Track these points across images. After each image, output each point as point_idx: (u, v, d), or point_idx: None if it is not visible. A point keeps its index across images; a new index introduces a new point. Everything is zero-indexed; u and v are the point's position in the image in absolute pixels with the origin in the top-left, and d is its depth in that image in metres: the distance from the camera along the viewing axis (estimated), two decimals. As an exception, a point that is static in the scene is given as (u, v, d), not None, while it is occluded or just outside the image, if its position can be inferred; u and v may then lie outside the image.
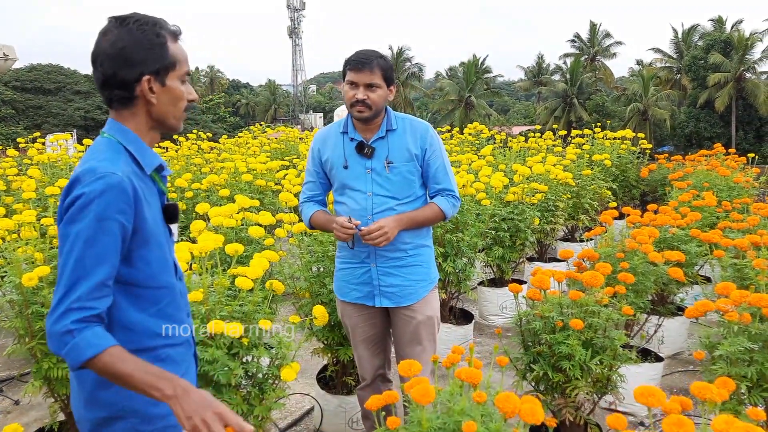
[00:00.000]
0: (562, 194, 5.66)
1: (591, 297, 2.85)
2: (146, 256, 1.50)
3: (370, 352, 2.86)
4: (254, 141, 8.17)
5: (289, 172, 5.07)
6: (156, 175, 1.61)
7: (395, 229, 2.55)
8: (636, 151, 7.95)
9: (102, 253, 1.38)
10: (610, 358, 2.81)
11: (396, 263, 2.68)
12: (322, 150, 2.75)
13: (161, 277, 1.55)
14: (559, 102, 40.31)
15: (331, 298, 3.26)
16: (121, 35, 1.46)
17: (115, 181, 1.39)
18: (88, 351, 1.32)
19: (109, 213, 1.38)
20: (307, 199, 2.85)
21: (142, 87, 1.49)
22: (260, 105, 59.18)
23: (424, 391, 1.82)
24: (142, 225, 1.47)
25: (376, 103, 2.55)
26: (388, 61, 2.61)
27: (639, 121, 35.51)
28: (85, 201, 1.37)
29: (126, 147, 1.52)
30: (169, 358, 1.59)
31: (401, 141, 2.64)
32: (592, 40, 45.17)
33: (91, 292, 1.36)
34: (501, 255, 4.88)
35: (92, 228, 1.37)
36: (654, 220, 4.31)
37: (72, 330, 1.32)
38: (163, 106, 1.54)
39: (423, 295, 2.73)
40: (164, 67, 1.50)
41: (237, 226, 3.71)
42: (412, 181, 2.66)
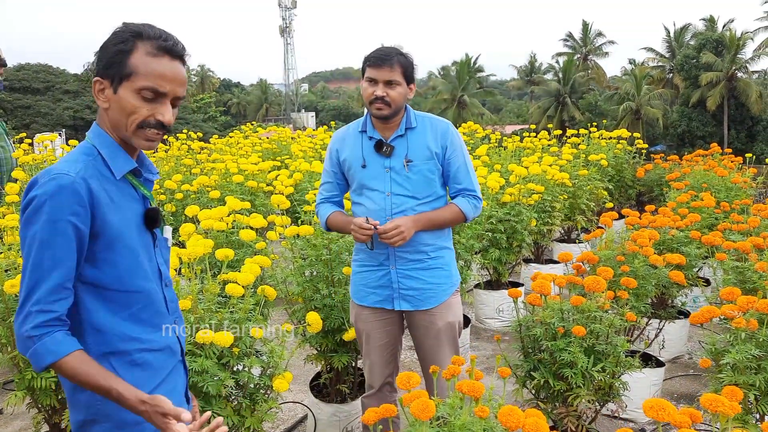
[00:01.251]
0: (558, 195, 5.59)
1: (593, 302, 2.77)
2: (112, 259, 1.47)
3: (383, 359, 2.78)
4: (245, 141, 8.06)
5: (281, 173, 4.97)
6: (134, 179, 1.57)
7: (412, 228, 2.50)
8: (632, 151, 7.89)
9: (57, 256, 1.37)
10: (612, 365, 2.73)
11: (416, 265, 2.62)
12: (340, 150, 2.70)
13: (132, 281, 1.51)
14: (551, 101, 40.34)
15: (325, 304, 3.18)
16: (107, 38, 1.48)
17: (66, 182, 1.38)
18: (48, 357, 1.35)
19: (61, 214, 1.37)
20: (324, 200, 2.80)
21: (93, 88, 1.49)
22: (252, 104, 58.93)
23: (424, 405, 1.74)
24: (105, 229, 1.44)
25: (395, 101, 2.51)
26: (408, 58, 2.56)
27: (632, 120, 35.55)
28: (38, 203, 1.37)
29: (99, 150, 1.50)
30: (146, 363, 1.55)
31: (421, 139, 2.59)
32: (584, 39, 45.25)
33: (49, 295, 1.36)
34: (497, 257, 4.80)
35: (46, 230, 1.36)
36: (653, 221, 4.24)
37: (32, 336, 1.35)
38: (114, 114, 1.49)
39: (443, 299, 2.66)
40: (118, 74, 1.45)
41: (227, 229, 3.61)
42: (432, 180, 2.60)
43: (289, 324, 2.73)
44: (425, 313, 2.66)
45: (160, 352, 1.59)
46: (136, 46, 1.44)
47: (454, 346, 2.74)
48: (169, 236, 1.74)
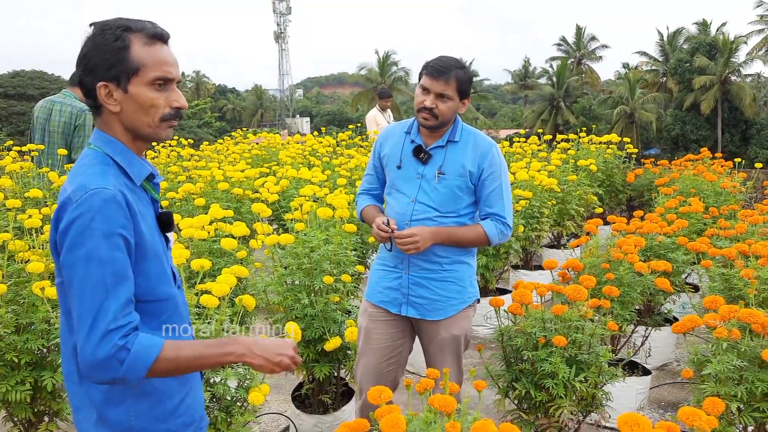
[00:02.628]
0: (547, 200, 5.56)
1: (575, 311, 2.74)
2: (145, 269, 1.44)
3: (378, 364, 2.71)
4: (236, 147, 8.02)
5: (268, 180, 4.93)
6: (147, 184, 1.54)
7: (429, 240, 2.48)
8: (622, 155, 7.87)
9: (118, 270, 1.34)
10: (595, 376, 2.70)
11: (429, 275, 2.60)
12: (384, 145, 2.72)
13: (161, 289, 1.49)
14: (546, 105, 40.44)
15: (306, 313, 3.13)
16: (87, 41, 1.42)
17: (109, 196, 1.34)
18: (152, 352, 1.32)
19: (113, 228, 1.33)
20: (363, 192, 2.84)
21: (99, 94, 1.41)
22: (247, 110, 58.89)
23: (394, 421, 1.70)
24: (140, 239, 1.42)
25: (443, 114, 2.49)
26: (467, 73, 2.53)
27: (626, 124, 35.65)
28: (86, 221, 1.32)
29: (113, 158, 1.46)
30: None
31: (459, 154, 2.57)
32: (578, 44, 45.41)
33: (122, 310, 1.32)
34: (484, 264, 4.77)
35: (102, 247, 1.32)
36: (640, 227, 4.21)
37: (123, 345, 1.30)
38: (130, 115, 1.44)
39: (451, 313, 2.64)
40: (124, 72, 1.40)
41: (209, 237, 3.57)
42: (460, 197, 2.57)
43: (267, 335, 2.67)
44: (431, 322, 2.65)
45: None
46: (131, 40, 1.40)
47: (458, 358, 2.73)
48: (172, 239, 1.72)
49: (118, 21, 1.43)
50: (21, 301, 2.86)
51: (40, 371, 2.82)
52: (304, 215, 3.43)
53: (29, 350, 2.78)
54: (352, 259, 3.38)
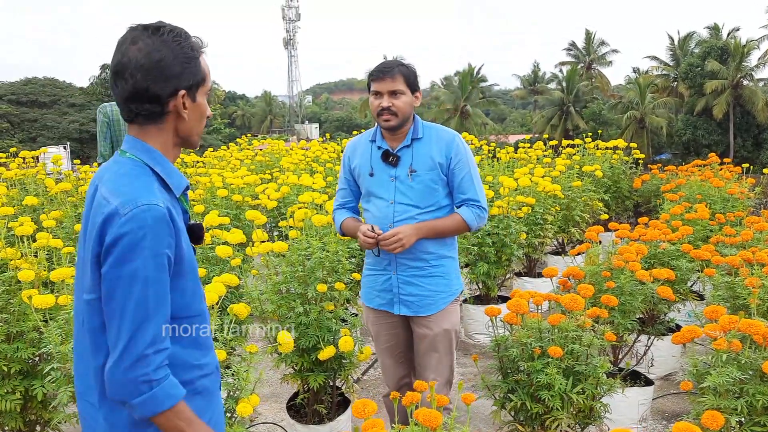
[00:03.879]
0: (550, 207, 5.49)
1: (572, 321, 2.68)
2: (182, 285, 1.41)
3: (394, 360, 2.85)
4: (239, 154, 8.01)
5: (269, 186, 4.91)
6: (182, 196, 1.51)
7: (412, 236, 2.54)
8: (629, 161, 7.78)
9: (161, 292, 1.32)
10: (592, 387, 2.63)
11: (416, 272, 2.66)
12: (352, 158, 2.80)
13: (194, 306, 1.47)
14: (555, 110, 40.22)
15: (300, 321, 3.09)
16: (157, 46, 1.37)
17: (161, 214, 1.31)
18: (167, 402, 1.31)
19: (161, 248, 1.31)
20: (339, 206, 2.89)
21: (177, 102, 1.41)
22: (256, 116, 59.09)
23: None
24: (180, 254, 1.38)
25: (401, 110, 2.57)
26: (410, 68, 2.62)
27: (636, 129, 35.38)
28: (136, 238, 1.28)
29: (153, 168, 1.42)
30: (206, 390, 1.50)
31: (425, 149, 2.64)
32: (587, 48, 45.18)
33: (161, 332, 1.31)
34: (486, 271, 4.70)
35: (150, 266, 1.29)
36: (643, 234, 4.14)
37: (153, 380, 1.29)
38: (191, 123, 1.47)
39: (442, 306, 2.69)
40: (196, 82, 1.44)
41: (205, 245, 3.54)
42: (435, 190, 2.64)
43: (255, 345, 2.63)
44: (424, 319, 2.68)
45: (213, 375, 1.55)
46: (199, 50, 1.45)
47: (449, 354, 2.76)
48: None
49: (177, 27, 1.42)
50: (12, 310, 2.83)
51: (31, 380, 2.79)
52: (299, 222, 3.39)
53: (19, 359, 2.75)
54: (347, 267, 3.34)
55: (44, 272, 2.90)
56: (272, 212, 4.84)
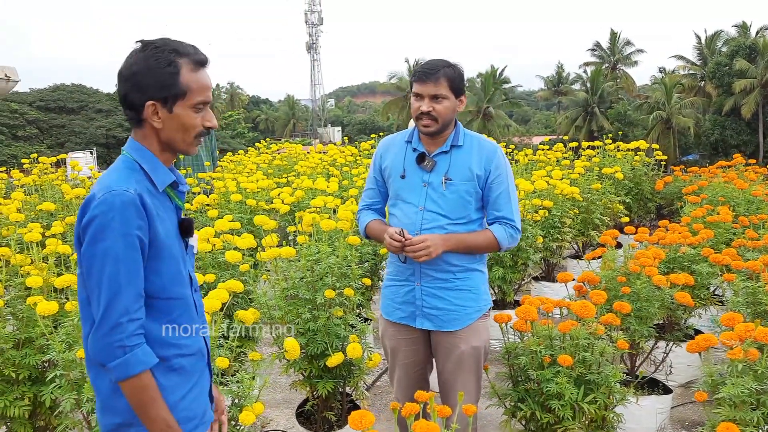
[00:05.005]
0: (568, 210, 5.39)
1: (583, 329, 2.61)
2: (158, 268, 1.55)
3: (410, 378, 2.68)
4: (257, 158, 8.03)
5: (283, 190, 4.89)
6: (171, 191, 1.65)
7: (440, 247, 2.40)
8: (651, 162, 7.63)
9: (131, 268, 1.46)
10: (604, 397, 2.56)
11: (442, 285, 2.52)
12: (384, 156, 2.65)
13: (173, 289, 1.59)
14: (579, 111, 39.69)
15: (308, 327, 3.06)
16: (138, 59, 1.52)
17: (128, 199, 1.46)
18: (138, 367, 1.45)
19: (130, 229, 1.45)
20: (365, 207, 2.75)
21: (146, 112, 1.54)
22: (279, 120, 59.41)
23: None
24: (155, 240, 1.52)
25: (442, 115, 2.42)
26: (457, 70, 2.45)
27: (662, 130, 34.74)
28: (106, 219, 1.44)
29: (141, 165, 1.58)
30: (182, 368, 1.62)
31: (465, 159, 2.50)
32: (612, 49, 44.59)
33: (133, 304, 1.46)
34: (502, 276, 4.63)
35: (119, 245, 1.44)
36: (662, 238, 4.04)
37: (127, 345, 1.44)
38: (170, 132, 1.58)
39: (468, 322, 2.54)
40: (172, 95, 1.53)
41: (216, 249, 3.53)
42: (468, 202, 2.50)
43: (258, 353, 2.61)
44: (449, 334, 2.54)
45: (192, 356, 1.66)
46: (180, 65, 1.53)
47: (477, 372, 2.61)
48: (195, 244, 1.80)
49: (168, 43, 1.54)
50: (21, 316, 2.85)
51: (40, 386, 2.80)
52: (307, 227, 3.36)
53: (28, 365, 2.77)
54: (357, 273, 3.30)
55: (53, 278, 2.92)
56: (286, 217, 4.82)
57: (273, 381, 4.37)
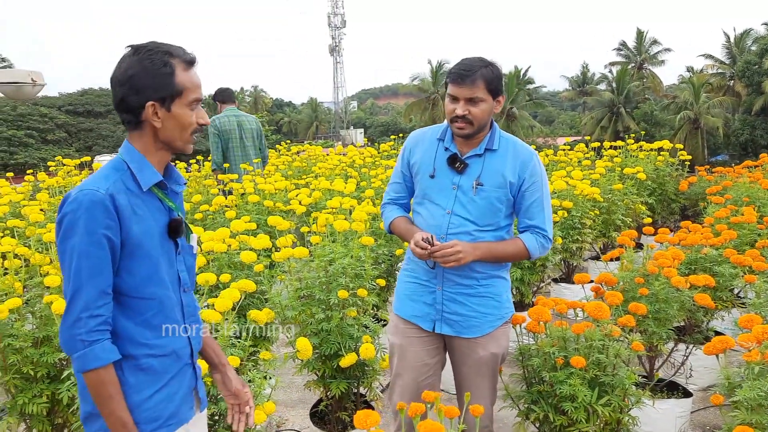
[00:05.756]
0: (588, 211, 5.32)
1: (597, 330, 2.57)
2: (131, 267, 1.58)
3: (417, 383, 2.55)
4: (276, 160, 8.09)
5: (301, 192, 4.91)
6: (159, 192, 1.67)
7: (470, 256, 2.32)
8: (675, 162, 7.50)
9: (95, 265, 1.49)
10: (619, 399, 2.52)
11: (464, 290, 2.45)
12: (413, 151, 2.55)
13: (147, 289, 1.62)
14: (605, 111, 39.27)
15: (322, 328, 3.06)
16: (132, 63, 1.57)
17: (97, 199, 1.50)
18: (93, 362, 1.49)
19: (96, 227, 1.49)
20: (390, 201, 2.68)
21: (147, 113, 1.59)
22: (302, 122, 59.79)
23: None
24: (128, 239, 1.56)
25: (478, 119, 2.32)
26: (494, 70, 2.32)
27: (690, 130, 34.19)
28: (74, 217, 1.49)
29: (129, 165, 1.61)
30: (150, 368, 1.63)
31: (499, 164, 2.40)
32: (638, 48, 44.01)
33: (95, 300, 1.49)
34: (519, 277, 4.59)
35: (84, 242, 1.48)
36: (684, 239, 3.96)
37: (85, 340, 1.48)
38: (169, 131, 1.62)
39: (488, 330, 2.48)
40: (170, 95, 1.59)
41: (232, 250, 3.56)
42: (499, 210, 2.41)
43: (269, 353, 2.62)
44: (468, 340, 2.49)
45: (165, 357, 1.67)
46: (174, 65, 1.58)
47: (494, 377, 2.57)
48: (195, 244, 1.83)
49: (159, 46, 1.60)
50: (39, 315, 2.90)
51: (57, 384, 2.84)
52: (321, 228, 3.37)
53: (46, 363, 2.81)
54: (371, 273, 3.29)
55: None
56: (303, 218, 4.84)
57: (288, 381, 4.38)
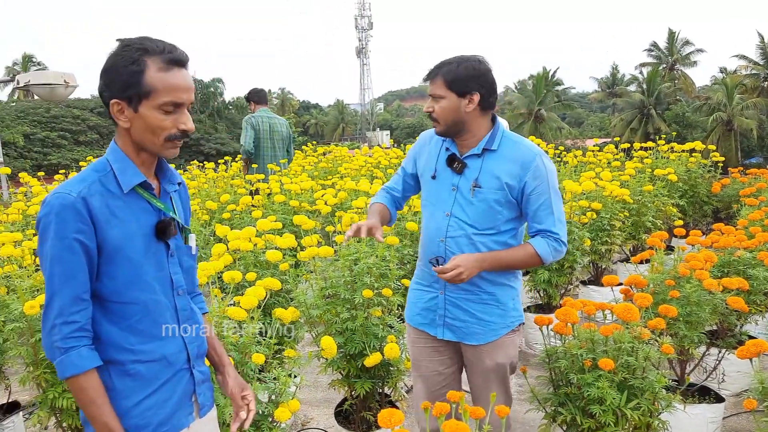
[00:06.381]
0: (618, 212, 5.24)
1: (627, 333, 2.52)
2: (111, 272, 1.52)
3: (431, 393, 2.50)
4: (303, 161, 8.14)
5: (327, 192, 4.93)
6: (145, 192, 1.60)
7: (474, 269, 2.23)
8: (707, 164, 7.35)
9: (68, 270, 1.45)
10: (648, 403, 2.46)
11: (466, 296, 2.37)
12: (421, 152, 2.52)
13: (129, 293, 1.56)
14: (635, 113, 38.72)
15: (347, 327, 3.06)
16: (109, 57, 1.51)
17: (68, 202, 1.45)
18: (69, 369, 1.45)
19: (67, 232, 1.44)
20: (384, 188, 2.65)
21: (112, 110, 1.52)
22: (329, 124, 60.14)
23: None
24: (105, 243, 1.50)
25: (440, 116, 2.28)
26: (458, 66, 2.24)
27: (723, 132, 33.54)
28: (47, 222, 1.45)
29: (112, 166, 1.55)
30: (137, 373, 1.58)
31: (496, 165, 2.29)
32: (670, 49, 43.28)
33: (69, 306, 1.45)
34: (547, 279, 4.54)
35: (56, 247, 1.44)
36: (716, 241, 3.87)
37: (60, 347, 1.45)
38: (138, 133, 1.54)
39: (492, 338, 2.39)
40: (137, 94, 1.49)
41: (258, 249, 3.58)
42: (498, 212, 2.30)
43: (292, 350, 2.62)
44: (473, 348, 2.42)
45: (154, 362, 1.60)
46: (147, 63, 1.48)
47: (504, 385, 2.48)
48: (193, 244, 1.76)
49: (140, 42, 1.50)
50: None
51: (87, 379, 2.89)
52: (346, 227, 3.37)
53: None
54: (396, 273, 3.28)
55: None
56: (329, 218, 4.85)
57: (313, 380, 4.39)
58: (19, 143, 27.99)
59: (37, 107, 33.37)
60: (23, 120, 32.10)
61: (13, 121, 30.69)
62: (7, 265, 3.19)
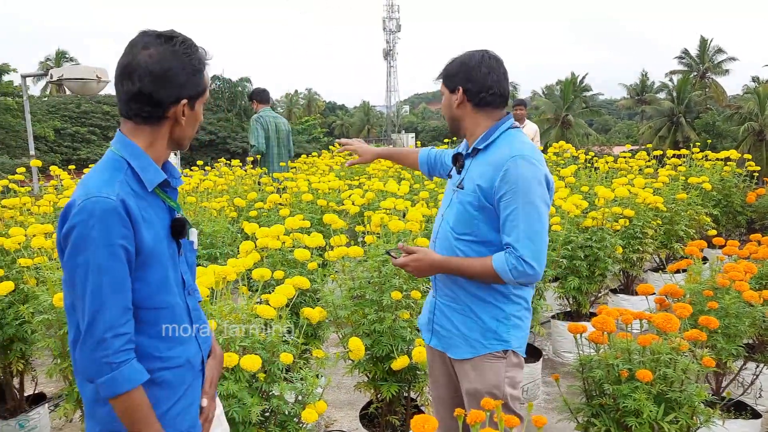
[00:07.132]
0: (651, 220, 5.13)
1: (665, 344, 2.43)
2: (145, 277, 1.47)
3: (445, 402, 2.42)
4: (330, 161, 8.12)
5: (354, 192, 4.90)
6: (161, 192, 1.56)
7: (428, 270, 2.17)
8: (742, 173, 7.18)
9: (116, 280, 1.37)
10: (687, 417, 2.38)
11: (451, 303, 2.25)
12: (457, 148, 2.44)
13: (159, 297, 1.51)
14: (664, 121, 38.21)
15: (373, 329, 3.01)
16: (167, 55, 1.45)
17: (110, 206, 1.37)
18: (125, 385, 1.37)
19: (113, 239, 1.36)
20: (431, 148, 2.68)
21: (177, 110, 1.49)
22: (354, 126, 60.29)
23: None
24: (142, 248, 1.44)
25: (444, 114, 2.32)
26: (455, 62, 2.18)
27: (754, 142, 32.91)
28: (85, 229, 1.35)
29: (130, 163, 1.48)
30: (164, 381, 1.53)
31: (477, 166, 2.16)
32: (702, 56, 42.64)
33: (119, 318, 1.37)
34: (577, 286, 4.45)
35: (101, 256, 1.35)
36: (754, 252, 3.76)
37: (113, 362, 1.36)
38: (186, 129, 1.55)
39: (470, 355, 2.19)
40: (198, 93, 1.52)
41: (286, 247, 3.55)
42: (474, 217, 2.13)
43: (321, 351, 2.58)
44: (457, 363, 2.26)
45: (179, 368, 1.57)
46: (205, 63, 1.53)
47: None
48: (195, 239, 1.73)
49: (190, 39, 1.50)
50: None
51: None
52: (375, 227, 3.33)
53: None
54: (425, 275, 3.23)
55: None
56: (356, 218, 4.82)
57: (338, 382, 4.35)
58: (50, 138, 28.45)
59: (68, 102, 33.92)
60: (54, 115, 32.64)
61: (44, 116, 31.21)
62: (37, 257, 3.20)
